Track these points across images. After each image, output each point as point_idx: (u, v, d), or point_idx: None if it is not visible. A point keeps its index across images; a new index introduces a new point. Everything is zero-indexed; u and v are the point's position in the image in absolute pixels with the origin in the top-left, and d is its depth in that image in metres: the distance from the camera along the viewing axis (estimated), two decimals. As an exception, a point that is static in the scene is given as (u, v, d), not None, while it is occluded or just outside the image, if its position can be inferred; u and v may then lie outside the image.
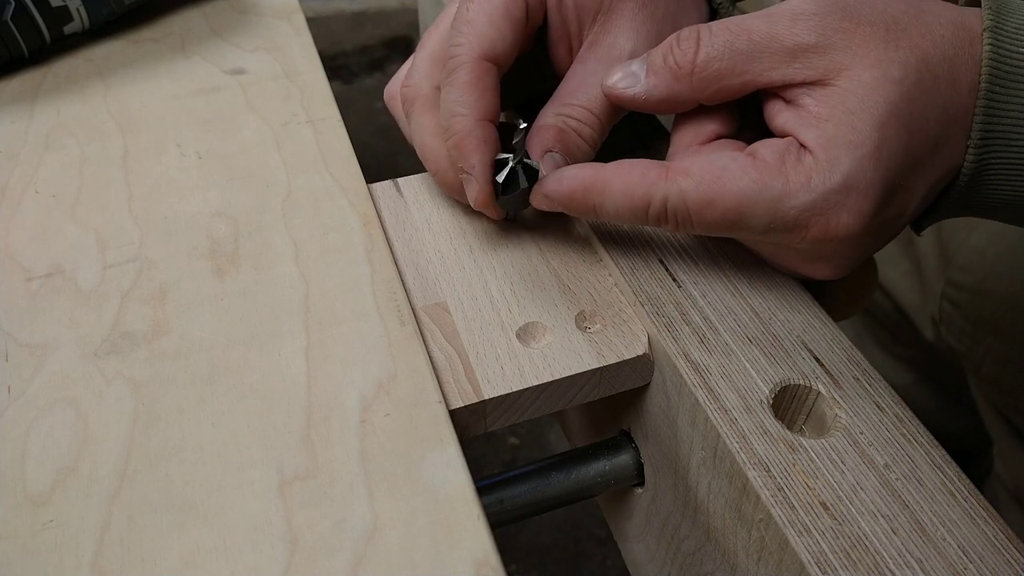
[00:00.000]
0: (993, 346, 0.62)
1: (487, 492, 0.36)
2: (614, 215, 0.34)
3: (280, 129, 0.46)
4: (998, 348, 0.62)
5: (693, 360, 0.33)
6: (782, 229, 0.32)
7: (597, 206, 0.34)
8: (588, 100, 0.37)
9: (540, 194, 0.35)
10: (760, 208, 0.31)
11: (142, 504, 0.28)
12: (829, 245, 0.32)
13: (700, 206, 0.32)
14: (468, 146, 0.35)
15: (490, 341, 0.34)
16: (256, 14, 0.57)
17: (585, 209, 0.34)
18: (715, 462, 0.31)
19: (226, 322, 0.34)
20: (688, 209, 0.32)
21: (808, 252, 0.34)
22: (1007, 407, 0.66)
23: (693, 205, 0.32)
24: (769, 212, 0.31)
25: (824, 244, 0.32)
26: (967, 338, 0.64)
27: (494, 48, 0.35)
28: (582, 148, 0.37)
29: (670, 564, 0.38)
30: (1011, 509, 0.72)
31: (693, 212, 0.32)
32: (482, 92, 0.35)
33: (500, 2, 0.36)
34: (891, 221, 0.33)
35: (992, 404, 0.68)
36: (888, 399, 0.31)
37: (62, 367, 0.33)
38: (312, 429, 0.30)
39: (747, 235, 0.34)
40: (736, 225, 0.32)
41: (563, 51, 0.39)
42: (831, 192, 0.31)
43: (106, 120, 0.47)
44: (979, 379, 0.66)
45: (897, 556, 0.27)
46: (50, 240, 0.39)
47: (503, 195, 0.36)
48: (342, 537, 0.27)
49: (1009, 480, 0.71)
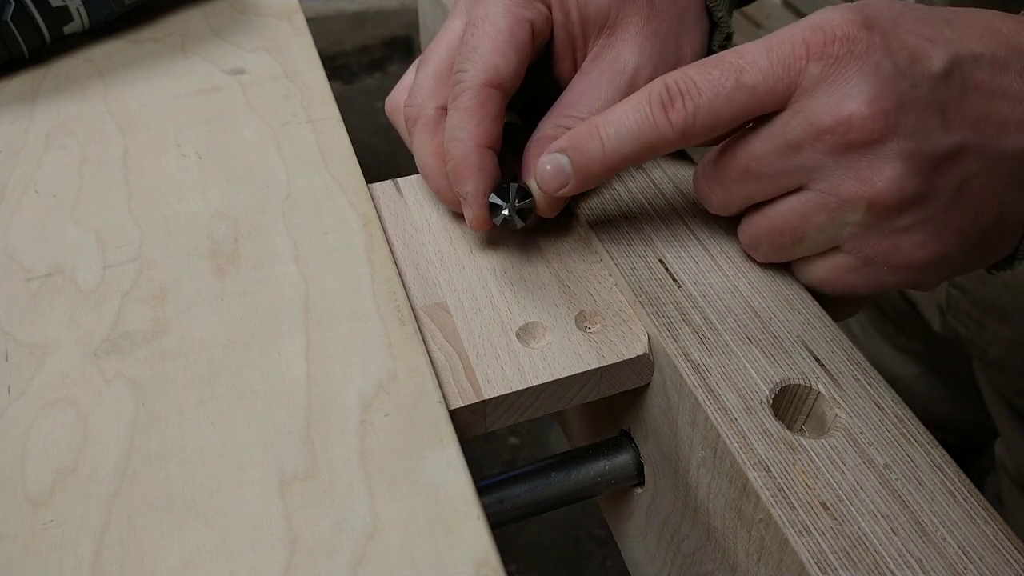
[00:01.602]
0: (999, 330, 0.63)
1: (487, 492, 0.36)
2: (623, 133, 0.33)
3: (280, 129, 0.46)
4: (1004, 332, 0.63)
5: (693, 360, 0.33)
6: (792, 79, 0.31)
7: (604, 137, 0.33)
8: (589, 112, 0.37)
9: (548, 198, 0.36)
10: (764, 60, 0.31)
11: (142, 504, 0.28)
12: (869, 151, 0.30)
13: (700, 70, 0.32)
14: (463, 172, 0.35)
15: (490, 341, 0.34)
16: (256, 14, 0.57)
17: (592, 151, 0.33)
18: (715, 462, 0.31)
19: (226, 322, 0.34)
20: (692, 78, 0.32)
21: (868, 229, 0.32)
22: (1012, 391, 0.67)
23: (693, 71, 0.32)
24: (778, 65, 0.31)
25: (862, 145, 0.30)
26: (973, 323, 0.65)
27: (498, 74, 0.36)
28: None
29: (670, 564, 0.38)
30: (1016, 498, 0.72)
31: (697, 78, 0.31)
32: (482, 119, 0.35)
33: (505, 26, 0.36)
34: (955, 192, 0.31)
35: (997, 390, 0.68)
36: (888, 399, 0.31)
37: (62, 367, 0.33)
38: (312, 429, 0.30)
39: (765, 112, 0.32)
40: (743, 84, 0.31)
41: (568, 64, 0.40)
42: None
43: (106, 120, 0.47)
44: (985, 365, 0.67)
45: (897, 556, 0.27)
46: (50, 240, 0.39)
47: (501, 226, 0.36)
48: (342, 537, 0.27)
49: (1013, 468, 0.71)
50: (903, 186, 0.30)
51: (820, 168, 0.32)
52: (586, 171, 0.34)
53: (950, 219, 0.32)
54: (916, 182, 0.30)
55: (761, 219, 0.35)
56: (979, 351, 0.66)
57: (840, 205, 0.32)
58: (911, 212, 0.31)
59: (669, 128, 0.32)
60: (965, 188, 0.31)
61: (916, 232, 0.32)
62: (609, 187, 0.41)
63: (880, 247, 0.32)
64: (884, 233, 0.32)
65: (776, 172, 0.33)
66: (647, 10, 0.38)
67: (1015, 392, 0.66)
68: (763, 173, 0.33)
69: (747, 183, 0.34)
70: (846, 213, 0.32)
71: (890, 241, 0.32)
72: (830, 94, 0.31)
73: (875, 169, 0.31)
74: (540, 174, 0.34)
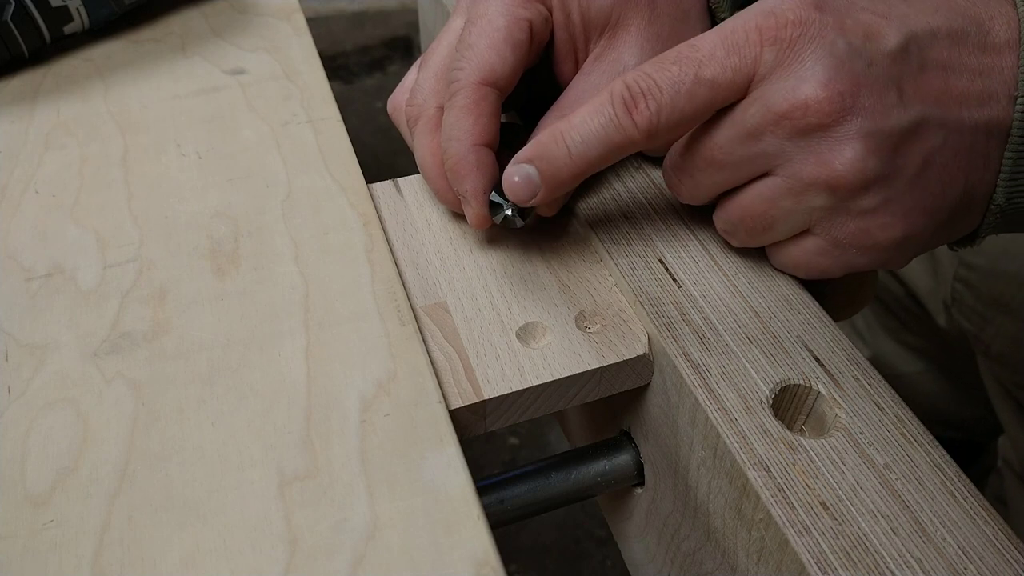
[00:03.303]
0: (1004, 325, 0.63)
1: (487, 492, 0.36)
2: (588, 138, 0.32)
3: (280, 129, 0.46)
4: (1009, 326, 0.63)
5: (693, 360, 0.33)
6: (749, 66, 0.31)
7: (569, 144, 0.32)
8: None
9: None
10: (720, 51, 0.31)
11: (142, 504, 0.28)
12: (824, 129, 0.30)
13: (658, 67, 0.31)
14: (462, 171, 0.35)
15: (490, 341, 0.34)
16: (256, 14, 0.57)
17: (558, 159, 0.33)
18: (715, 462, 0.31)
19: (226, 322, 0.34)
20: (652, 76, 0.31)
21: (836, 210, 0.32)
22: (1016, 386, 0.67)
23: (651, 69, 0.31)
24: (733, 52, 0.31)
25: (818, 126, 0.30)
26: (978, 317, 0.65)
27: (494, 73, 0.36)
28: None
29: (670, 564, 0.38)
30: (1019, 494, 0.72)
31: (656, 76, 0.31)
32: (478, 117, 0.35)
33: (502, 25, 0.36)
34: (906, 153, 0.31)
35: (1001, 385, 0.69)
36: (888, 399, 0.31)
37: (62, 367, 0.33)
38: (312, 429, 0.30)
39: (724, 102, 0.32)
40: (702, 79, 0.31)
41: (569, 65, 0.40)
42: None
43: (106, 120, 0.47)
44: (989, 359, 0.67)
45: (897, 556, 0.27)
46: (50, 240, 0.39)
47: (501, 224, 0.36)
48: (342, 537, 0.27)
49: (1017, 463, 0.71)
50: (864, 166, 0.30)
51: (782, 153, 0.32)
52: (554, 179, 0.33)
53: (916, 198, 0.32)
54: (876, 161, 0.30)
55: (732, 206, 0.35)
56: (983, 346, 0.66)
57: (804, 189, 0.32)
58: (875, 192, 0.31)
59: (634, 129, 0.32)
60: (928, 164, 0.31)
61: (883, 213, 0.32)
62: (609, 187, 0.41)
63: (848, 229, 0.32)
64: (851, 215, 0.32)
65: (739, 160, 0.33)
66: (649, 12, 0.38)
67: (1019, 387, 0.67)
68: (727, 162, 0.33)
69: (712, 172, 0.34)
70: (810, 197, 0.32)
71: (858, 223, 0.32)
72: (786, 78, 0.31)
73: (835, 151, 0.30)
74: (508, 186, 0.34)
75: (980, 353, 0.69)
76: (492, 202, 0.36)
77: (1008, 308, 0.62)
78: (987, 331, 0.65)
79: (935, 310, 0.71)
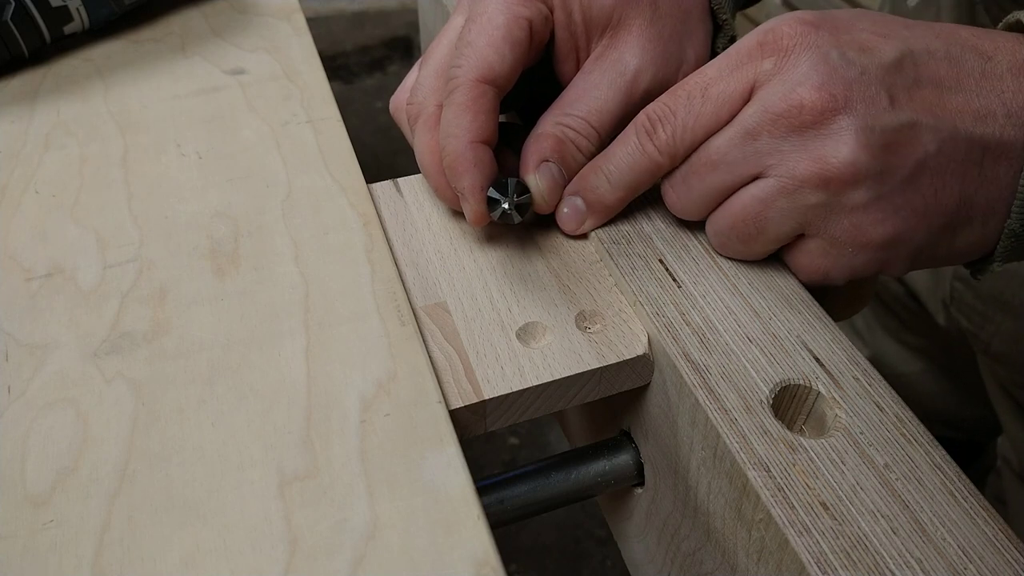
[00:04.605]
0: (1003, 323, 0.63)
1: (487, 492, 0.36)
2: (621, 166, 0.36)
3: (280, 129, 0.46)
4: (1008, 325, 0.63)
5: (693, 360, 0.33)
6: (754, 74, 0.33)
7: (607, 173, 0.37)
8: (588, 112, 0.37)
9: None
10: (725, 69, 0.34)
11: (142, 504, 0.28)
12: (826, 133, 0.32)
13: (671, 96, 0.35)
14: (459, 168, 0.36)
15: (490, 341, 0.34)
16: (256, 14, 0.57)
17: (600, 188, 0.37)
18: (715, 462, 0.31)
19: (226, 322, 0.34)
20: (666, 104, 0.35)
21: (834, 208, 0.33)
22: (1015, 385, 0.67)
23: (666, 98, 0.35)
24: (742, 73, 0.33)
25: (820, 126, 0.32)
26: (977, 316, 0.65)
27: (492, 70, 0.36)
28: (578, 160, 0.38)
29: (670, 564, 0.38)
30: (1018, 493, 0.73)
31: (670, 103, 0.35)
32: (476, 114, 0.36)
33: (502, 23, 0.36)
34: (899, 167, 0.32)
35: (1000, 384, 0.69)
36: (888, 399, 0.31)
37: (62, 367, 0.33)
38: (312, 429, 0.30)
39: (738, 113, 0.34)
40: (710, 97, 0.34)
41: (570, 65, 0.40)
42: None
43: (106, 120, 0.47)
44: (988, 358, 0.67)
45: (897, 556, 0.27)
46: (50, 240, 0.39)
47: (499, 220, 0.37)
48: (342, 537, 0.27)
49: (1016, 462, 0.71)
50: (856, 160, 0.31)
51: (776, 153, 0.33)
52: (600, 204, 0.38)
53: (907, 197, 0.32)
54: (868, 156, 0.31)
55: (724, 213, 0.36)
56: (982, 345, 0.66)
57: (798, 186, 0.33)
58: (866, 187, 0.32)
59: (657, 153, 0.35)
60: (922, 168, 0.32)
61: (875, 209, 0.32)
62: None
63: (843, 226, 0.33)
64: (845, 211, 0.33)
65: (735, 160, 0.34)
66: (650, 12, 0.38)
67: (1018, 386, 0.67)
68: (722, 162, 0.34)
69: (706, 174, 0.35)
70: (804, 194, 0.33)
71: (851, 219, 0.33)
72: (783, 83, 0.33)
73: (828, 147, 0.32)
74: (559, 217, 0.39)
75: (979, 352, 0.69)
76: (490, 198, 0.36)
77: (1007, 306, 0.62)
78: (986, 330, 0.65)
79: (934, 309, 0.71)
